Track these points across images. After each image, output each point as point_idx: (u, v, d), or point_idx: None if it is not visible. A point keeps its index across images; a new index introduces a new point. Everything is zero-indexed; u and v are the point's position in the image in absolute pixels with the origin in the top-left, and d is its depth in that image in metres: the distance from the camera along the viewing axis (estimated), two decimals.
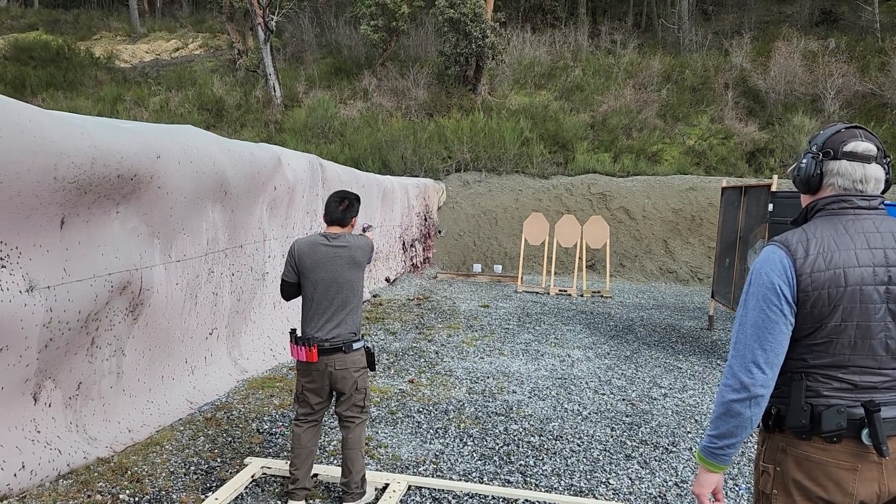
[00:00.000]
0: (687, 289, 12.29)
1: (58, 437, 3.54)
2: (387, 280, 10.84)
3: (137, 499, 3.41)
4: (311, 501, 3.51)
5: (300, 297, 3.45)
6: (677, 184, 13.80)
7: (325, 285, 3.32)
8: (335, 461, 3.99)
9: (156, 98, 19.45)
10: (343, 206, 3.42)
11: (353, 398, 3.38)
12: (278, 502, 3.48)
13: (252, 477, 3.70)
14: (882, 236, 1.76)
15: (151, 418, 4.28)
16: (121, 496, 3.41)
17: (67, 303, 3.40)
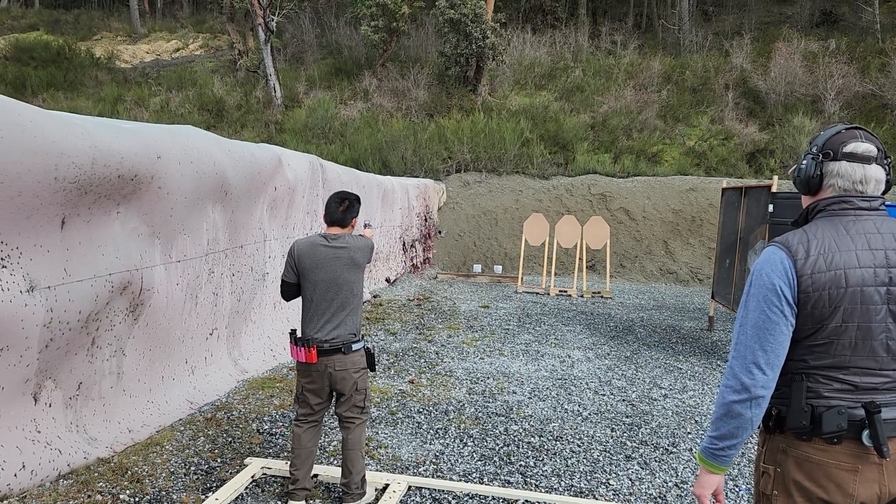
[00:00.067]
0: (687, 289, 12.29)
1: (58, 437, 3.54)
2: (387, 280, 10.84)
3: (137, 499, 3.41)
4: (311, 502, 3.51)
5: (300, 297, 3.45)
6: (677, 184, 13.80)
7: (325, 286, 3.32)
8: (335, 461, 3.99)
9: (156, 98, 19.46)
10: (343, 207, 3.42)
11: (353, 399, 3.37)
12: (278, 503, 3.48)
13: (252, 477, 3.70)
14: (883, 237, 1.76)
15: (152, 418, 4.28)
16: (121, 496, 3.41)
17: (68, 303, 3.40)
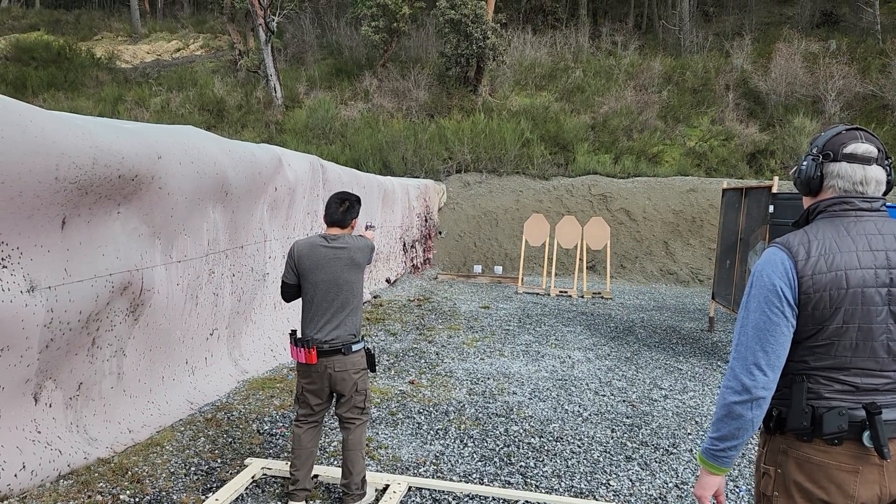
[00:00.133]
0: (687, 290, 12.29)
1: (58, 437, 3.54)
2: (387, 281, 10.84)
3: (138, 499, 3.41)
4: (311, 502, 3.51)
5: (301, 298, 3.45)
6: (678, 185, 13.80)
7: (325, 287, 3.31)
8: (335, 462, 3.99)
9: (157, 99, 19.47)
10: (343, 208, 3.42)
11: (353, 400, 3.37)
12: (278, 503, 3.48)
13: (252, 478, 3.70)
14: (884, 238, 1.75)
15: (152, 419, 4.28)
16: (121, 497, 3.41)
17: (68, 303, 3.40)
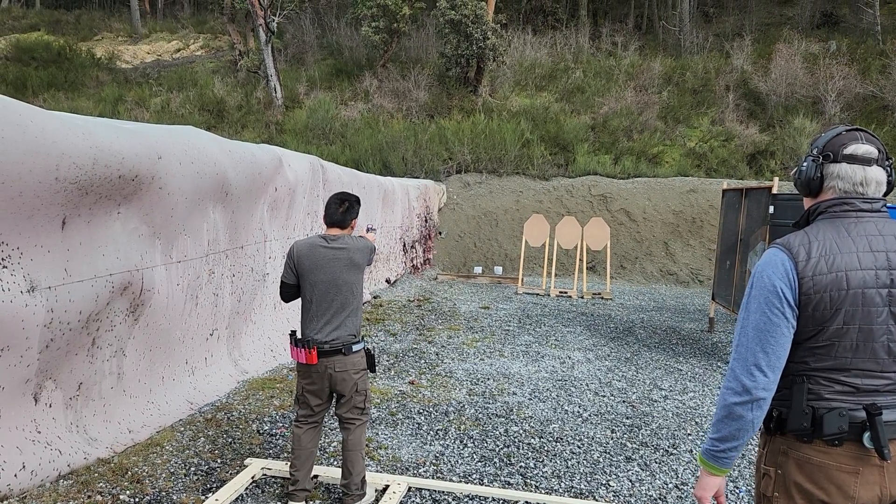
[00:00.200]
0: (687, 291, 12.29)
1: (58, 437, 3.54)
2: (387, 281, 10.84)
3: (138, 499, 3.41)
4: (311, 502, 3.51)
5: (300, 298, 3.45)
6: (678, 186, 13.80)
7: (325, 287, 3.31)
8: (335, 462, 3.99)
9: (157, 99, 19.47)
10: (343, 208, 3.42)
11: (353, 400, 3.37)
12: (278, 503, 3.48)
13: (252, 478, 3.70)
14: (884, 239, 1.75)
15: (152, 419, 4.28)
16: (121, 497, 3.41)
17: (68, 303, 3.40)
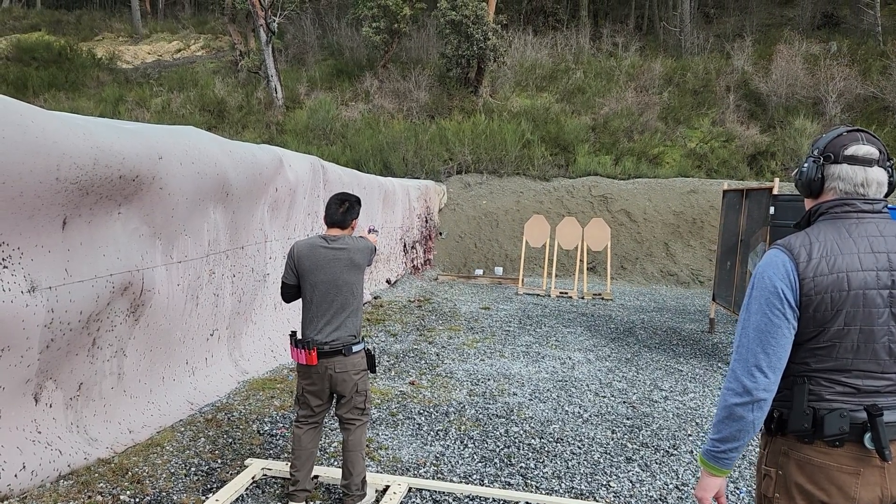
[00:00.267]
0: (688, 291, 12.29)
1: (58, 437, 3.54)
2: (387, 282, 10.84)
3: (138, 500, 3.41)
4: (311, 503, 3.51)
5: (301, 299, 3.45)
6: (678, 186, 13.80)
7: (325, 288, 3.31)
8: (336, 463, 3.98)
9: (157, 99, 19.48)
10: (343, 209, 3.42)
11: (353, 401, 3.37)
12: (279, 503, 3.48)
13: (252, 478, 3.70)
14: (885, 240, 1.75)
15: (152, 419, 4.28)
16: (121, 497, 3.41)
17: (69, 303, 3.40)
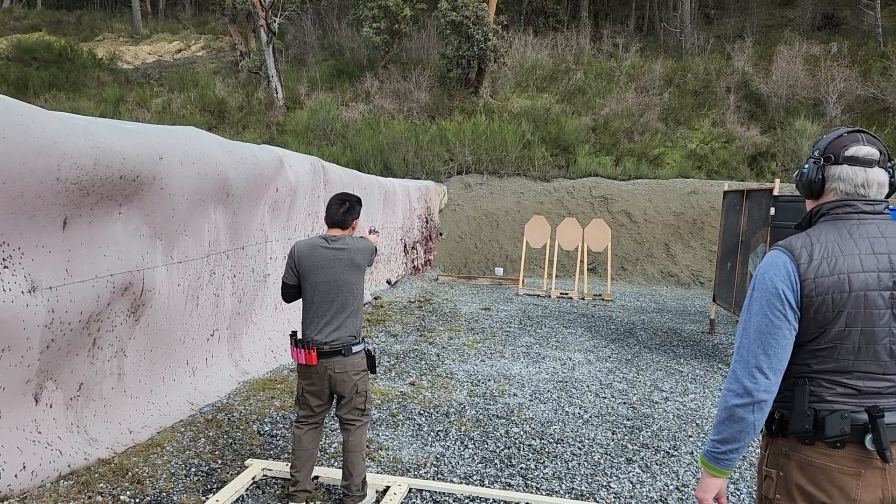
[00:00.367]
0: (688, 292, 12.28)
1: (59, 437, 3.54)
2: (388, 282, 10.84)
3: (138, 500, 3.41)
4: (311, 503, 3.51)
5: (301, 299, 3.45)
6: (679, 187, 13.79)
7: (325, 288, 3.31)
8: (336, 463, 3.98)
9: (158, 99, 19.48)
10: (344, 209, 3.42)
11: (353, 401, 3.37)
12: None
13: (253, 479, 3.70)
14: (887, 241, 1.75)
15: (152, 419, 4.28)
16: (121, 497, 3.41)
17: (69, 304, 3.40)
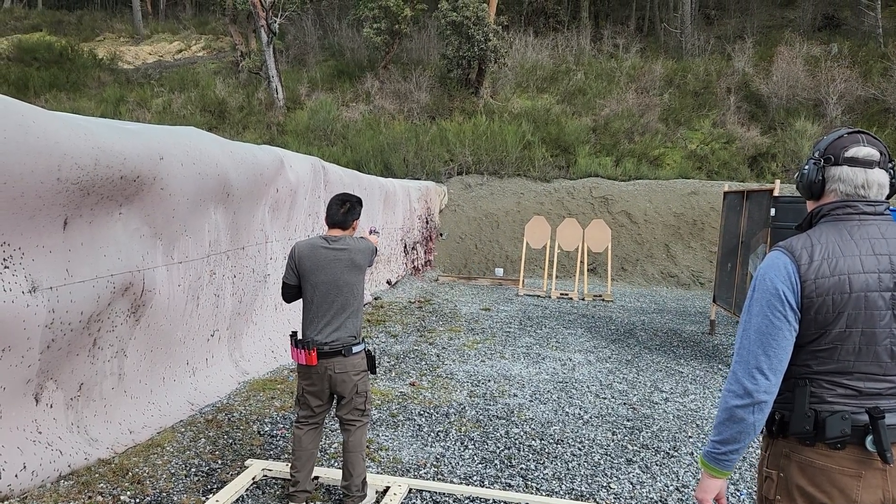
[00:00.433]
0: (688, 293, 12.28)
1: (59, 437, 3.54)
2: (388, 282, 10.84)
3: (138, 500, 3.41)
4: None
5: (301, 299, 3.45)
6: (679, 188, 13.79)
7: (325, 288, 3.31)
8: (336, 464, 3.98)
9: (158, 100, 19.49)
10: (344, 209, 3.42)
11: (353, 402, 3.37)
12: None
13: (253, 479, 3.69)
14: (887, 242, 1.75)
15: (152, 419, 4.28)
16: (122, 497, 3.41)
17: (70, 304, 3.40)
